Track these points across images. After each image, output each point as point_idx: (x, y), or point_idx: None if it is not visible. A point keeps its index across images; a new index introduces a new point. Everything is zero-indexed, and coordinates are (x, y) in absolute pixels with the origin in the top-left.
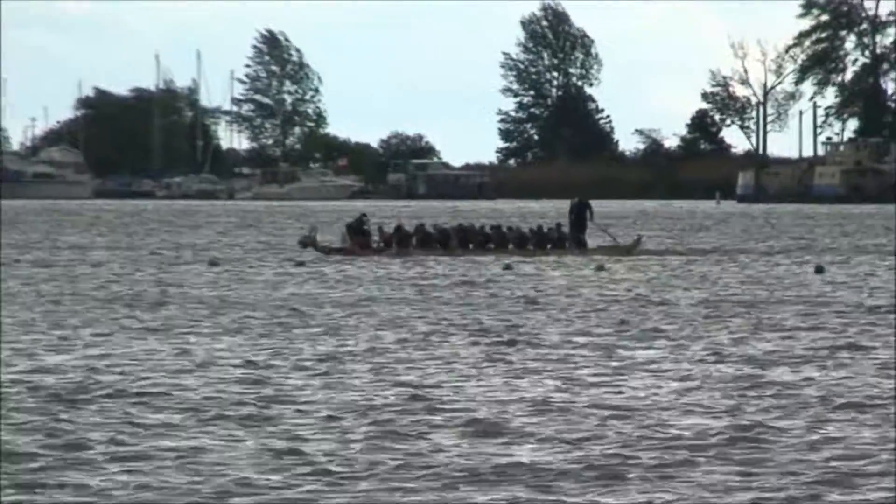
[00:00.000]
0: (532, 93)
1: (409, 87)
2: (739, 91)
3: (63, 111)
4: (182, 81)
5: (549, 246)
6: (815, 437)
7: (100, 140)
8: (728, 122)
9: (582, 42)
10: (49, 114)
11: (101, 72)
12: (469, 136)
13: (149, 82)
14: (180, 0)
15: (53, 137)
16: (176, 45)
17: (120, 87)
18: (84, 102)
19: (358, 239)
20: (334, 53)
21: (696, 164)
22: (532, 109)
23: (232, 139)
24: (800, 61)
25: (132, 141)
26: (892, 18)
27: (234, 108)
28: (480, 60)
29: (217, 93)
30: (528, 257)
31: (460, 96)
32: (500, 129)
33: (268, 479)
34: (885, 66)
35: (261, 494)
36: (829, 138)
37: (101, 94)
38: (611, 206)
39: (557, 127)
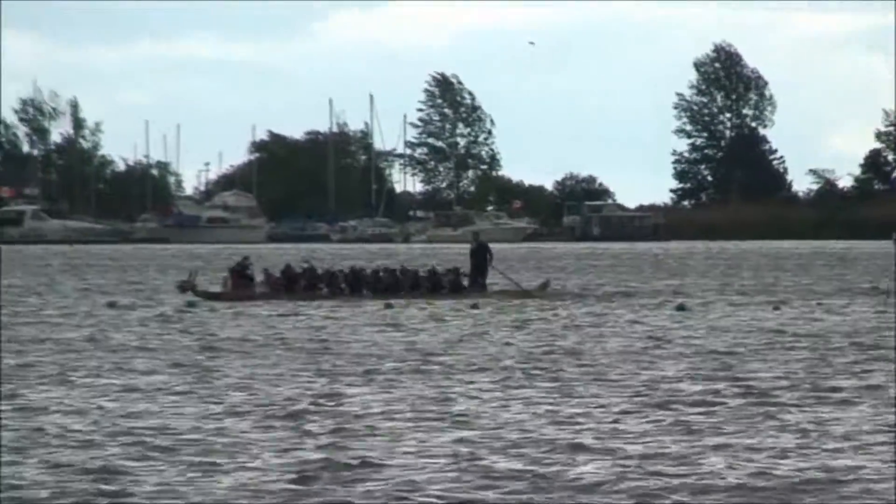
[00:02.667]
0: (705, 134)
1: (581, 128)
2: None
3: (237, 155)
4: (355, 125)
5: (444, 289)
6: None
7: (273, 184)
8: None
9: (755, 83)
10: (223, 158)
11: (274, 116)
12: (643, 177)
13: (322, 126)
14: (353, 47)
15: (227, 182)
16: (349, 88)
17: (293, 130)
18: (258, 146)
19: (239, 282)
20: (506, 96)
21: (870, 204)
22: (706, 150)
23: (406, 182)
24: None
25: (306, 184)
26: None
27: (408, 152)
28: (654, 101)
29: (390, 136)
30: (417, 300)
31: (634, 137)
32: (674, 169)
33: None
34: None
35: None
36: None
37: (275, 138)
38: (782, 246)
39: (731, 168)
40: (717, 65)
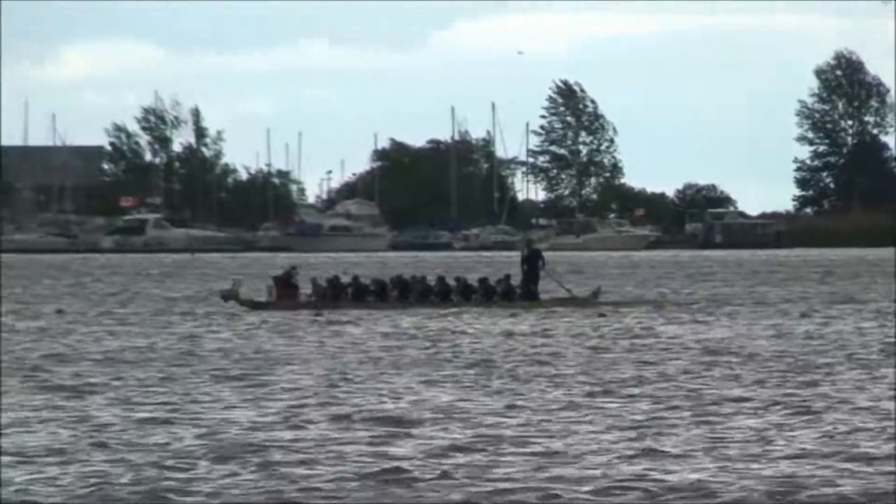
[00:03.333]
0: (827, 141)
1: (703, 136)
2: None
3: (359, 164)
4: (477, 133)
5: (496, 297)
6: None
7: (396, 192)
8: None
9: (877, 90)
10: (345, 166)
11: (396, 124)
12: (764, 184)
13: (444, 134)
14: (475, 55)
15: (349, 190)
16: (471, 97)
17: (416, 139)
18: (380, 155)
19: (284, 291)
20: (628, 104)
21: None
22: (828, 158)
23: (528, 190)
24: None
25: (428, 193)
26: None
27: (531, 160)
28: (775, 109)
29: (513, 144)
30: (470, 308)
31: (755, 145)
32: (795, 177)
33: None
34: None
35: None
36: None
37: (397, 146)
38: None
39: (853, 175)
40: (838, 72)
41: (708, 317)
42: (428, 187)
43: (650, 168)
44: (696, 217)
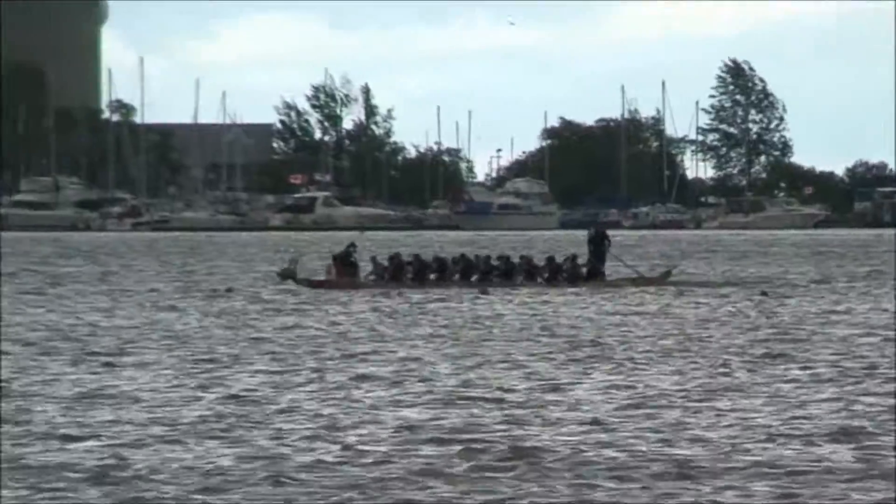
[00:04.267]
0: None
1: (873, 115)
2: None
3: (529, 142)
4: (647, 111)
5: (562, 277)
6: None
7: (565, 170)
8: None
9: None
10: (515, 144)
11: (566, 102)
12: None
13: (614, 112)
14: (645, 34)
15: (519, 168)
16: (641, 75)
17: (585, 117)
18: (550, 133)
19: (344, 270)
20: (798, 82)
21: None
22: None
23: (697, 168)
24: None
25: (598, 171)
26: None
27: (700, 138)
28: None
29: (682, 122)
30: (534, 288)
31: None
32: None
33: None
34: None
35: None
36: None
37: (567, 125)
38: None
39: None
40: None
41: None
42: (597, 165)
43: (819, 146)
44: (866, 196)
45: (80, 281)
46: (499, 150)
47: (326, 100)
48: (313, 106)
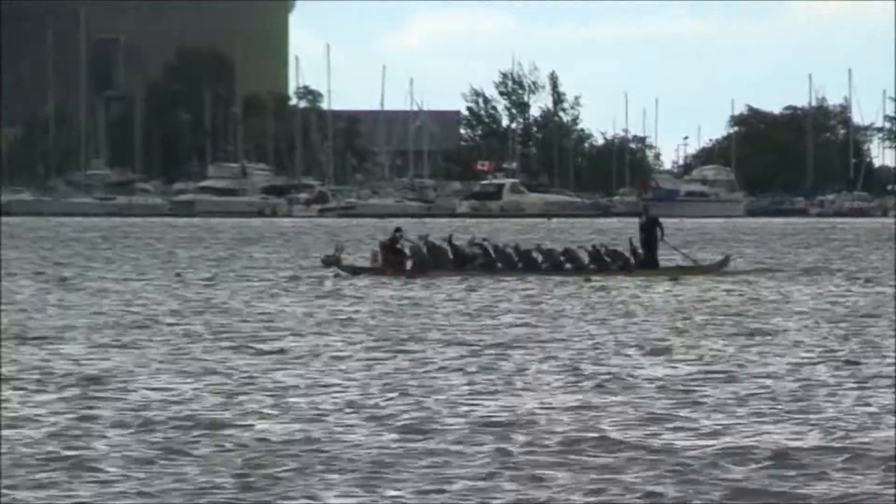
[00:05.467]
0: None
1: None
2: None
3: (716, 129)
4: (834, 99)
5: (615, 266)
6: None
7: (751, 158)
8: None
9: None
10: (701, 132)
11: (753, 90)
12: None
13: (801, 100)
14: (833, 21)
15: (706, 156)
16: (828, 63)
17: (772, 105)
18: (737, 120)
19: (390, 258)
20: None
21: None
22: None
23: (884, 156)
24: None
25: (784, 159)
26: None
27: (887, 126)
28: None
29: (869, 111)
30: (582, 276)
31: None
32: None
33: None
34: None
35: None
36: None
37: (754, 112)
38: None
39: None
40: None
41: None
42: (784, 153)
43: None
44: None
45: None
46: (686, 138)
47: (514, 87)
48: (501, 93)
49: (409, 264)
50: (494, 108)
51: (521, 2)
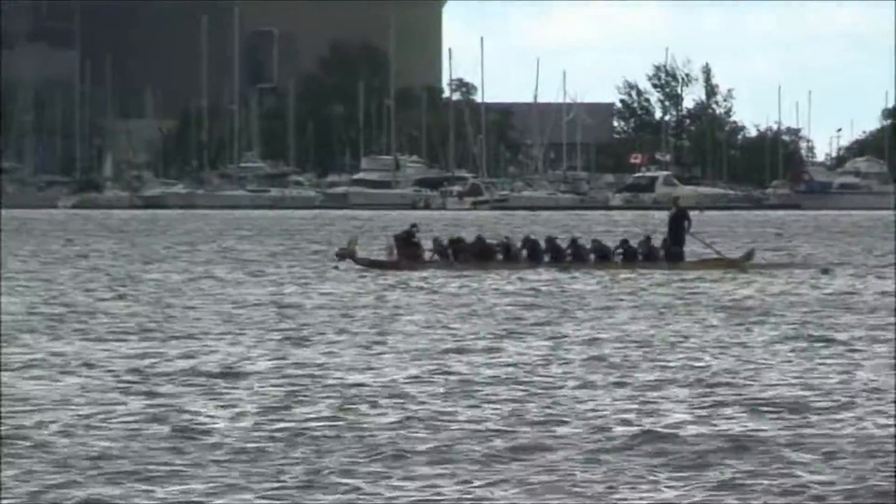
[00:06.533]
0: None
1: None
2: None
3: (869, 122)
4: None
5: (638, 259)
6: None
7: None
8: None
9: None
10: (854, 124)
11: None
12: None
13: None
14: None
15: (859, 148)
16: None
17: None
18: (890, 112)
19: (406, 251)
20: None
21: None
22: None
23: None
24: None
25: None
26: None
27: None
28: None
29: None
30: (603, 270)
31: None
32: None
33: None
34: None
35: None
36: None
37: None
38: None
39: None
40: None
41: None
42: None
43: None
44: None
45: None
46: (839, 130)
47: (667, 79)
48: (654, 85)
49: (427, 256)
50: (648, 100)
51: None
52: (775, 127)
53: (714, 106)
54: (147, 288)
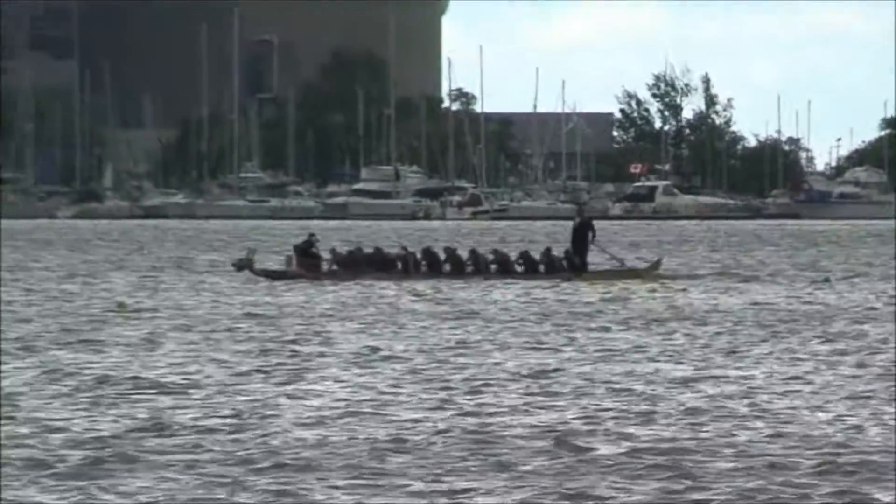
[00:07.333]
0: None
1: None
2: None
3: (868, 131)
4: None
5: (539, 270)
6: None
7: None
8: None
9: None
10: (854, 134)
11: None
12: None
13: None
14: None
15: (858, 158)
16: None
17: None
18: (889, 122)
19: (305, 261)
20: None
21: None
22: None
23: None
24: None
25: None
26: None
27: None
28: None
29: None
30: (502, 280)
31: None
32: None
33: None
34: None
35: None
36: None
37: None
38: None
39: None
40: None
41: None
42: None
43: None
44: None
45: None
46: (838, 140)
47: (667, 89)
48: (653, 95)
49: (324, 267)
50: (647, 110)
51: (672, 3)
52: (775, 136)
53: (714, 116)
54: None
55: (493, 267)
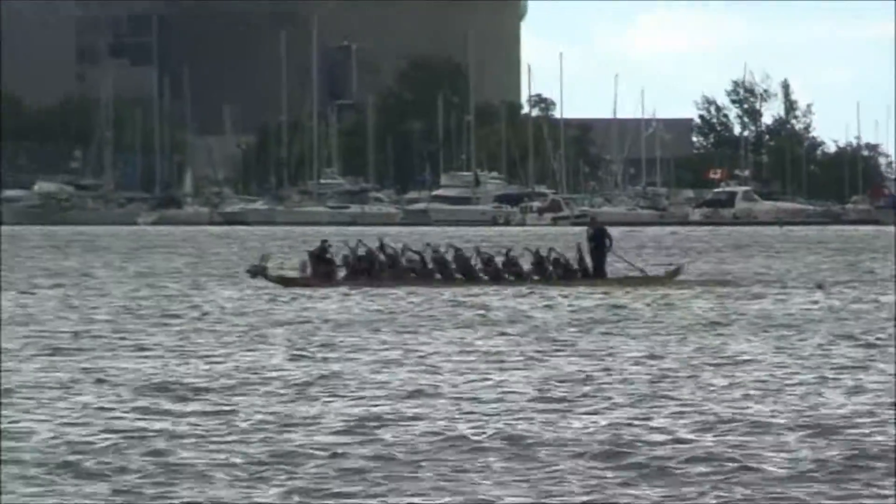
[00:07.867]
0: None
1: None
2: None
3: None
4: None
5: (556, 276)
6: None
7: None
8: None
9: None
10: None
11: None
12: None
13: None
14: None
15: None
16: None
17: None
18: None
19: (320, 268)
20: None
21: None
22: None
23: None
24: None
25: None
26: None
27: None
28: None
29: None
30: (520, 286)
31: None
32: None
33: None
34: None
35: None
36: None
37: None
38: None
39: None
40: None
41: None
42: None
43: None
44: None
45: None
46: None
47: (746, 95)
48: (733, 101)
49: (339, 273)
50: (726, 115)
51: (755, 9)
52: (854, 142)
53: (793, 121)
54: None
55: (507, 274)
